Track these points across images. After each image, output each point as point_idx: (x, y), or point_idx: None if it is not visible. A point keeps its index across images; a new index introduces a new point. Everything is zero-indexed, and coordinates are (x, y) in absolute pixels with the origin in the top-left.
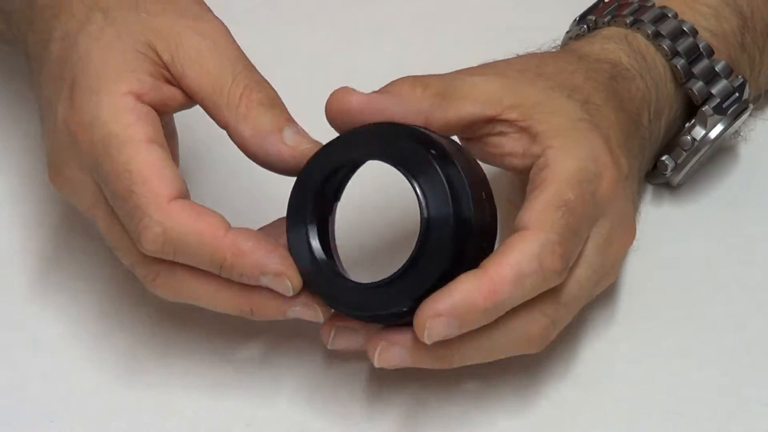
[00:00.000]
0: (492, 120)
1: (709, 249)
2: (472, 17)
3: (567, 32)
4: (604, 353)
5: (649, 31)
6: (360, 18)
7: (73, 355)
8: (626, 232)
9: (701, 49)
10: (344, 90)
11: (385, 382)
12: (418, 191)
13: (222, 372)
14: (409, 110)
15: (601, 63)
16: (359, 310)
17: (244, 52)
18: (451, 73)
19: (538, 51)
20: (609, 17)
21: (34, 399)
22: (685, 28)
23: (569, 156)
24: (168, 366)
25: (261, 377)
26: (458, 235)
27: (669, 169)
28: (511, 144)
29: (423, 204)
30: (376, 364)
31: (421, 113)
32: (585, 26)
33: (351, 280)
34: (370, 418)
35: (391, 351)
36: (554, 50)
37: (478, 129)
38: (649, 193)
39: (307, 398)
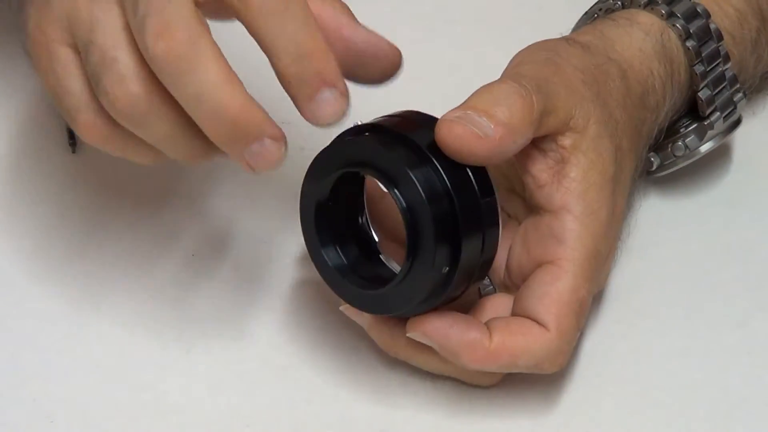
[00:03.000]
0: (550, 134)
1: (709, 248)
2: (472, 17)
3: (598, 1)
4: (604, 353)
5: (681, 28)
6: (360, 18)
7: (73, 355)
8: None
9: (721, 56)
10: (470, 137)
11: (391, 381)
12: (396, 196)
13: (222, 372)
14: (520, 144)
15: (637, 85)
16: (375, 311)
17: (244, 52)
18: (535, 74)
19: (585, 42)
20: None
21: (34, 399)
22: (712, 31)
23: (586, 235)
24: (167, 365)
25: (261, 377)
26: (442, 230)
27: (654, 167)
28: (539, 164)
29: (401, 206)
30: (341, 308)
31: (528, 140)
32: (619, 2)
33: (362, 291)
34: (372, 420)
35: (354, 313)
36: (596, 40)
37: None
38: (648, 193)
39: (308, 399)
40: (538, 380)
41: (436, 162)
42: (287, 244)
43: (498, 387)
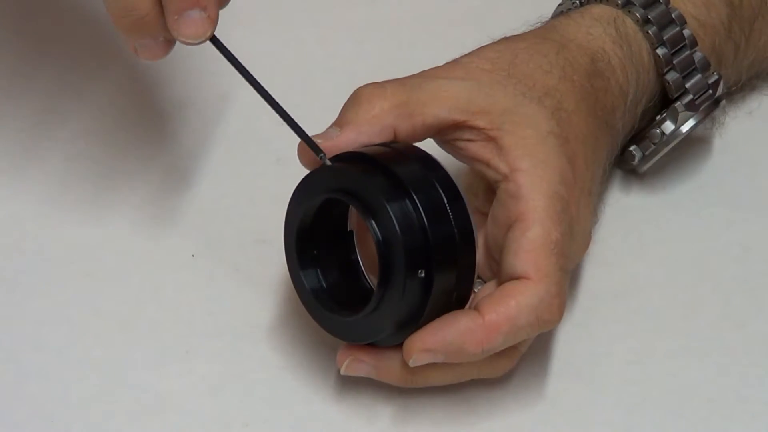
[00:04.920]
0: (459, 126)
1: (709, 248)
2: (472, 17)
3: (559, 5)
4: (604, 353)
5: (639, 15)
6: (360, 18)
7: (73, 355)
8: (583, 246)
9: (686, 39)
10: (305, 148)
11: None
12: (371, 224)
13: (221, 372)
14: (374, 134)
15: (582, 55)
16: (349, 339)
17: (244, 52)
18: (417, 75)
19: (519, 35)
20: None
21: (34, 399)
22: (673, 16)
23: (541, 183)
24: (167, 365)
25: (261, 377)
26: (413, 262)
27: (636, 159)
28: (476, 149)
29: (376, 238)
30: (342, 373)
31: (387, 128)
32: (577, 1)
33: (335, 316)
34: (372, 420)
35: (356, 366)
36: (537, 30)
37: (446, 133)
38: (647, 191)
39: (308, 398)
40: (538, 380)
41: (414, 195)
42: None
43: (497, 387)
